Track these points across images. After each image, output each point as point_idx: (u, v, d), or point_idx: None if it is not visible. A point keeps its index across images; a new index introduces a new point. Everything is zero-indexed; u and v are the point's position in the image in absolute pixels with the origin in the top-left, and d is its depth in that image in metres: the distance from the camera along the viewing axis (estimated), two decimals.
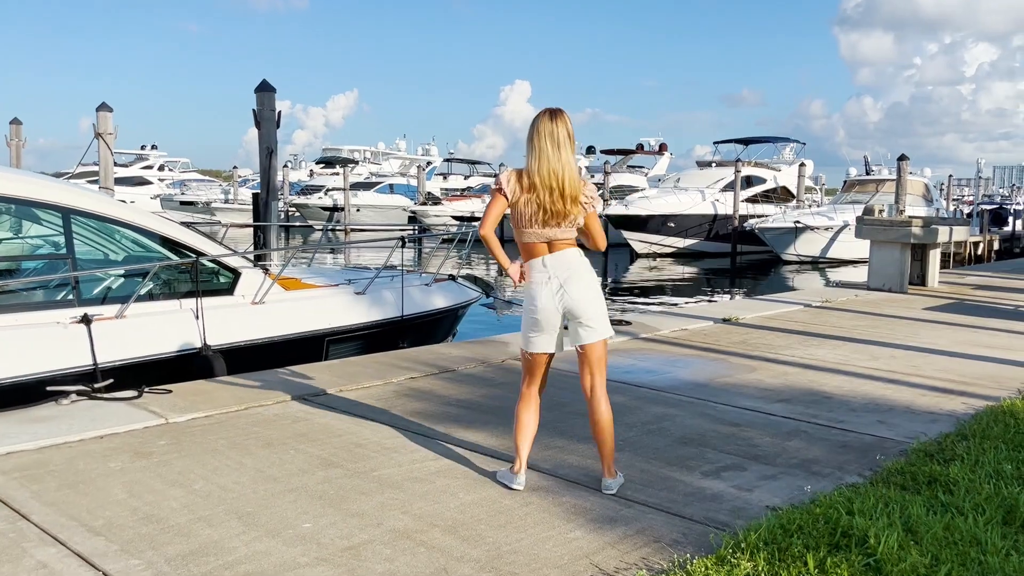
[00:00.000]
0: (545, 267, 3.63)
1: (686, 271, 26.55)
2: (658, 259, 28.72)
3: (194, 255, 6.60)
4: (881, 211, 11.36)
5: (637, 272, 26.15)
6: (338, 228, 38.54)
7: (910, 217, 11.55)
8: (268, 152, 12.41)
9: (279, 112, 12.50)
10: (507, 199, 3.59)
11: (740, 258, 28.37)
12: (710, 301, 18.40)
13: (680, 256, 29.03)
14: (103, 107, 15.67)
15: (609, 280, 25.14)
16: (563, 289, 3.62)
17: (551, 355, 3.85)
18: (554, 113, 3.58)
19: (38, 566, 2.90)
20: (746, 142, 34.27)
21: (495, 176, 39.94)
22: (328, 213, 39.59)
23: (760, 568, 2.83)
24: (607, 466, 3.74)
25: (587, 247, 3.83)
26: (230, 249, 7.18)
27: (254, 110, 12.38)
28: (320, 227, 39.23)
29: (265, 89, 12.44)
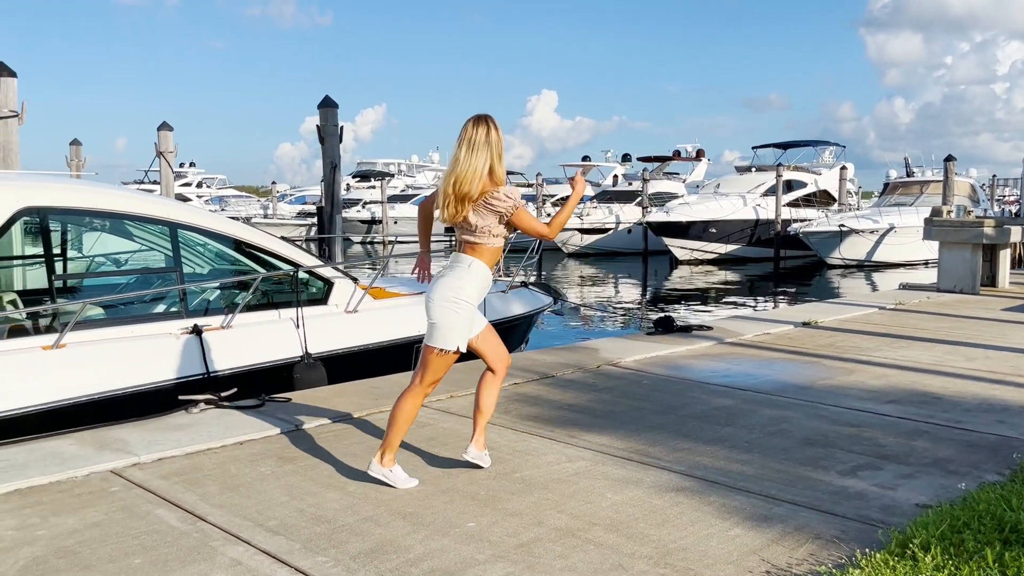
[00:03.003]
0: (447, 261, 3.86)
1: (729, 277, 26.46)
2: (700, 265, 28.65)
3: (292, 266, 6.75)
4: (950, 212, 11.30)
5: (679, 279, 26.10)
6: (376, 240, 38.92)
7: (980, 217, 11.47)
8: (332, 166, 12.64)
9: (342, 127, 12.75)
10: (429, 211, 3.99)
11: (783, 263, 28.24)
12: (778, 306, 18.35)
13: (722, 262, 28.94)
14: (164, 126, 16.03)
15: (649, 287, 25.15)
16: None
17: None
18: (477, 119, 3.70)
19: (232, 563, 3.02)
20: (784, 146, 34.10)
21: (529, 184, 40.28)
22: (366, 226, 39.98)
23: (939, 562, 2.87)
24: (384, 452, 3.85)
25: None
26: (323, 260, 7.33)
27: (318, 125, 12.62)
28: (358, 240, 39.57)
29: (328, 105, 12.68)
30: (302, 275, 6.97)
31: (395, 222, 39.08)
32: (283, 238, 7.65)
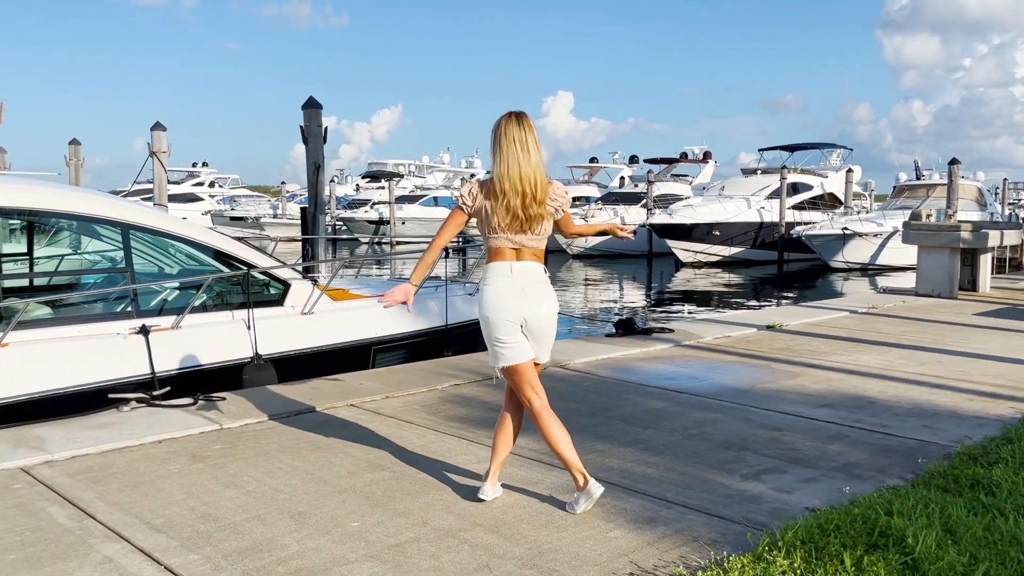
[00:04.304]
0: (511, 273, 3.49)
1: (732, 279, 26.34)
2: (703, 268, 28.54)
3: (245, 267, 6.81)
4: (929, 216, 11.20)
5: (682, 281, 26.02)
6: (384, 241, 39.06)
7: (959, 221, 11.37)
8: (315, 167, 12.69)
9: (326, 128, 12.78)
10: (466, 214, 3.54)
11: (787, 266, 28.07)
12: (755, 309, 18.27)
13: (726, 265, 28.81)
14: (157, 126, 16.17)
15: (653, 289, 25.08)
16: (528, 299, 3.48)
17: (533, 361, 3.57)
18: (520, 117, 3.46)
19: (104, 560, 3.07)
20: (792, 149, 33.88)
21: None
22: (374, 226, 40.14)
23: (797, 566, 2.87)
24: (576, 476, 3.53)
25: (570, 236, 3.81)
26: (279, 261, 7.39)
27: (301, 126, 12.67)
28: (366, 240, 39.75)
29: (312, 106, 12.73)
30: (260, 277, 7.04)
31: (403, 223, 39.20)
32: (240, 238, 7.73)
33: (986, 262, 11.01)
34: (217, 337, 6.47)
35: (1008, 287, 11.94)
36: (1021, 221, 30.43)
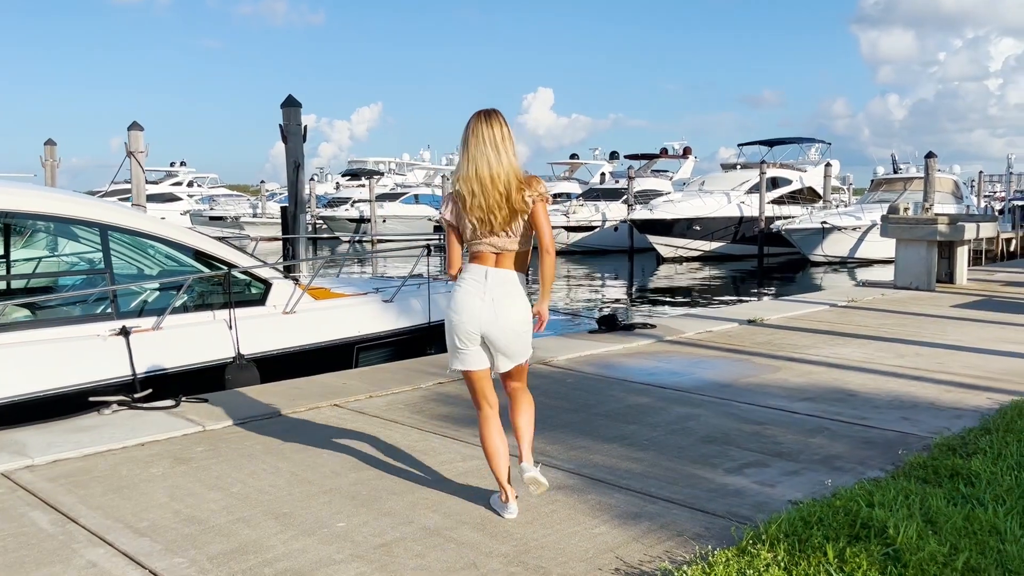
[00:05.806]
0: (486, 279, 3.38)
1: (713, 274, 26.48)
2: (684, 263, 28.68)
3: (226, 267, 6.77)
4: (907, 209, 11.32)
5: (663, 276, 26.13)
6: (364, 239, 38.93)
7: (936, 214, 11.50)
8: (295, 166, 12.62)
9: (305, 127, 12.72)
10: (455, 231, 3.45)
11: (767, 260, 28.26)
12: (736, 303, 18.38)
13: (706, 259, 28.98)
14: (134, 126, 16.01)
15: (635, 285, 25.17)
16: (495, 310, 3.37)
17: (489, 370, 3.53)
18: (489, 114, 3.36)
19: (88, 565, 3.05)
20: (771, 143, 34.14)
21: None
22: (355, 224, 40.00)
23: (780, 558, 2.90)
24: (526, 454, 3.56)
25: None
26: (260, 261, 7.35)
27: (281, 125, 12.60)
28: (347, 239, 39.61)
29: (291, 104, 12.66)
30: (241, 276, 7.00)
31: (383, 221, 39.09)
32: (220, 238, 7.68)
33: (963, 254, 11.14)
34: (198, 338, 6.43)
35: (984, 279, 12.09)
36: (996, 214, 30.77)
